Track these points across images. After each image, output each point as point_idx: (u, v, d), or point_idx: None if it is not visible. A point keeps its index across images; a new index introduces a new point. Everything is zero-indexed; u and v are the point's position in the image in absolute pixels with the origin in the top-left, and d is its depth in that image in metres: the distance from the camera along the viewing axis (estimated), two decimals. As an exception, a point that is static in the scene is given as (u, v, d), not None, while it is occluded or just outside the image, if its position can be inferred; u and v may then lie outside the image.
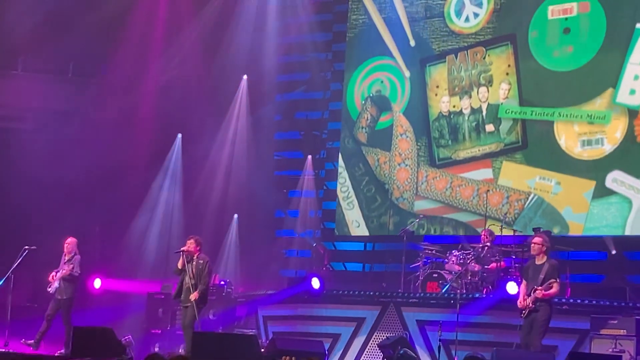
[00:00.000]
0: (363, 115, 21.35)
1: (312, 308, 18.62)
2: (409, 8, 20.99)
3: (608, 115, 18.35)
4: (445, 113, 20.25)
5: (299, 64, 22.90)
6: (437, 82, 20.44)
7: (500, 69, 19.69)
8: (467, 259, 17.44)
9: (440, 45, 20.54)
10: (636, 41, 18.11)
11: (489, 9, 20.06)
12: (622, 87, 18.20)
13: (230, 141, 22.50)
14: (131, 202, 21.45)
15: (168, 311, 18.95)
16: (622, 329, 15.31)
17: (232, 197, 22.06)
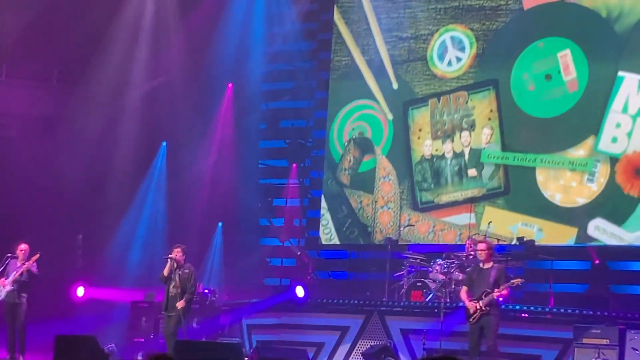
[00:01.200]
0: (346, 157, 21.30)
1: (296, 317, 18.61)
2: (391, 51, 20.93)
3: (590, 162, 18.38)
4: (428, 157, 20.23)
5: (284, 73, 22.92)
6: (420, 125, 20.40)
7: (482, 113, 19.68)
8: (451, 268, 17.46)
9: (422, 89, 20.50)
10: (618, 89, 18.16)
11: (471, 53, 20.04)
12: (604, 135, 18.23)
13: (215, 149, 22.47)
14: (115, 210, 21.40)
15: (151, 320, 18.90)
16: (605, 338, 15.36)
17: (216, 205, 22.02)
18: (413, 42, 20.73)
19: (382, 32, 21.11)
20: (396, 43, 20.93)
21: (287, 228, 22.10)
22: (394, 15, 21.04)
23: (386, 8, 21.15)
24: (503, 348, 15.55)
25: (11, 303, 16.54)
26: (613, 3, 18.49)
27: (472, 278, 14.79)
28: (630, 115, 18.05)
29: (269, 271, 22.22)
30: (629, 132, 18.03)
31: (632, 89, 18.08)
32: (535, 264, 18.52)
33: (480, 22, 19.97)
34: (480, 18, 19.98)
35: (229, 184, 22.11)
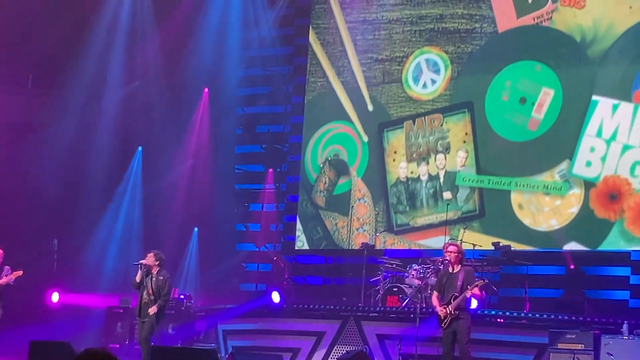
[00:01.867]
0: (321, 179, 21.28)
1: (272, 322, 18.58)
2: (366, 72, 20.97)
3: (564, 186, 18.45)
4: (403, 179, 20.24)
5: (260, 78, 22.91)
6: (395, 147, 20.44)
7: (457, 136, 19.73)
8: (427, 273, 17.47)
9: (398, 111, 20.54)
10: (592, 113, 18.24)
11: (446, 76, 20.10)
12: (578, 159, 18.31)
13: (191, 154, 22.45)
14: (91, 215, 21.32)
15: (127, 325, 18.83)
16: (580, 343, 15.39)
17: (192, 210, 21.99)
18: (388, 64, 20.77)
19: (358, 53, 21.16)
20: (371, 65, 20.97)
21: (264, 233, 22.07)
22: (369, 36, 21.09)
23: (361, 30, 21.20)
24: (479, 353, 15.56)
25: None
26: (587, 27, 18.59)
27: (442, 283, 14.80)
28: (604, 140, 18.12)
29: (245, 276, 22.19)
30: (603, 157, 18.10)
31: (606, 113, 18.15)
32: (511, 269, 18.57)
33: (455, 44, 20.05)
34: (455, 41, 20.05)
35: (205, 189, 22.08)
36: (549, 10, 19.02)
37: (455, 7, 20.16)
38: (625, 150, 17.94)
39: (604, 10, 18.50)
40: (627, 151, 17.93)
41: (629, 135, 17.93)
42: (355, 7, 21.42)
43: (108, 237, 21.59)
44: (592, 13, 18.61)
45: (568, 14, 18.82)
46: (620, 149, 17.98)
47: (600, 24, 18.49)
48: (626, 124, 17.96)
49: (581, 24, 18.67)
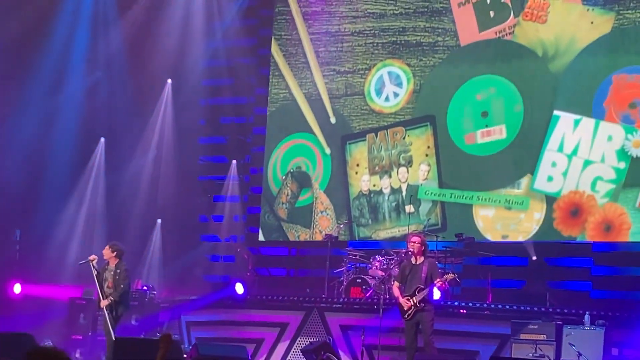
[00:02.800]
0: (283, 191, 21.22)
1: (236, 313, 18.57)
2: (329, 84, 20.92)
3: (526, 201, 18.51)
4: (366, 192, 20.22)
5: (224, 69, 22.81)
6: (358, 160, 20.42)
7: (419, 149, 19.74)
8: (390, 264, 17.51)
9: (360, 124, 20.51)
10: (554, 128, 18.31)
11: (408, 89, 20.08)
12: (539, 174, 18.39)
13: (155, 145, 22.34)
14: (53, 206, 21.18)
15: (89, 317, 18.74)
16: (542, 334, 15.53)
17: (155, 202, 21.92)
18: (351, 76, 20.74)
19: (320, 65, 21.10)
20: (334, 77, 20.93)
21: (227, 225, 22.03)
22: (332, 48, 21.03)
23: (324, 41, 21.14)
24: (441, 344, 15.63)
25: None
26: (549, 42, 18.65)
27: (405, 274, 14.85)
28: (565, 155, 18.21)
29: (209, 268, 22.13)
30: (565, 172, 18.19)
31: (568, 128, 18.23)
32: (473, 260, 18.66)
33: (417, 57, 20.04)
34: (417, 54, 20.04)
35: (168, 180, 22.01)
36: (511, 24, 19.05)
37: (417, 20, 20.13)
38: (587, 166, 18.03)
39: (566, 25, 18.56)
40: (588, 166, 18.02)
41: (590, 150, 18.02)
42: (317, 19, 21.35)
43: (71, 228, 21.45)
44: (554, 28, 18.66)
45: (530, 28, 18.88)
46: (581, 164, 18.07)
47: (562, 39, 18.55)
48: (587, 140, 18.05)
49: (543, 39, 18.72)
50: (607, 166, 17.87)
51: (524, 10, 18.94)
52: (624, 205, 17.71)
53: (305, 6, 21.55)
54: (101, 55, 22.07)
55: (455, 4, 19.72)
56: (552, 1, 18.74)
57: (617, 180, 17.77)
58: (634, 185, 17.67)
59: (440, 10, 19.92)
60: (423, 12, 20.10)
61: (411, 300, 14.53)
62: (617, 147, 17.81)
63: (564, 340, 15.34)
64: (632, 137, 17.73)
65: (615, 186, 17.78)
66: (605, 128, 17.93)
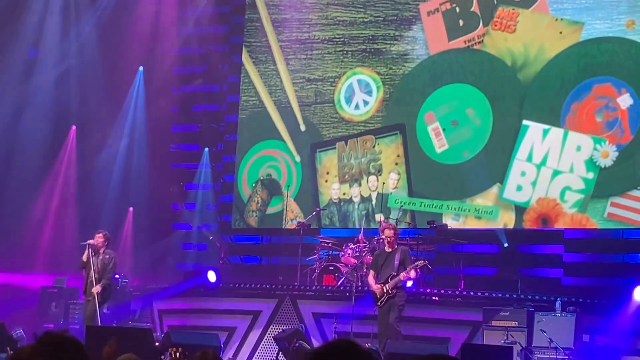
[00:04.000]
0: (253, 199, 21.18)
1: (208, 301, 18.55)
2: (299, 92, 20.89)
3: (495, 210, 18.58)
4: (336, 200, 20.20)
5: (196, 56, 22.74)
6: (328, 168, 20.40)
7: (389, 158, 19.74)
8: (362, 252, 17.53)
9: (330, 132, 20.49)
10: (523, 137, 18.36)
11: (378, 97, 20.08)
12: (509, 183, 18.44)
13: (126, 133, 22.26)
14: (25, 194, 21.08)
15: (61, 305, 18.71)
16: (513, 320, 15.61)
17: (127, 190, 21.84)
18: (320, 84, 20.71)
19: (290, 73, 21.08)
20: (304, 85, 20.90)
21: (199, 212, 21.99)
22: (302, 56, 21.01)
23: (294, 49, 21.11)
24: (413, 331, 15.72)
25: None
26: (518, 51, 18.70)
27: (378, 262, 14.90)
28: (534, 164, 18.28)
29: (181, 256, 22.09)
30: (534, 181, 18.25)
31: (537, 138, 18.30)
32: (446, 247, 18.71)
33: (387, 66, 20.06)
34: (387, 62, 20.07)
35: (140, 168, 21.95)
36: (480, 33, 19.10)
37: (387, 28, 20.13)
38: (556, 175, 18.10)
39: (535, 35, 18.62)
40: (557, 176, 18.09)
41: (559, 160, 18.09)
42: (287, 26, 21.31)
43: (42, 216, 21.36)
44: (522, 37, 18.71)
45: (499, 38, 18.92)
46: (550, 173, 18.15)
47: (531, 48, 18.60)
48: (556, 149, 18.13)
49: (512, 48, 18.78)
50: (575, 176, 17.95)
51: (493, 19, 18.99)
52: (592, 216, 17.79)
53: (275, 13, 21.50)
54: (72, 43, 21.95)
55: (424, 12, 19.75)
56: (521, 11, 18.79)
57: (585, 190, 17.85)
58: (602, 196, 17.75)
59: (409, 19, 19.92)
60: (392, 21, 20.10)
61: (384, 287, 14.58)
62: (586, 157, 17.89)
63: (536, 326, 15.42)
64: (601, 148, 17.80)
65: (584, 196, 17.85)
66: (574, 138, 18.00)
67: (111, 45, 21.84)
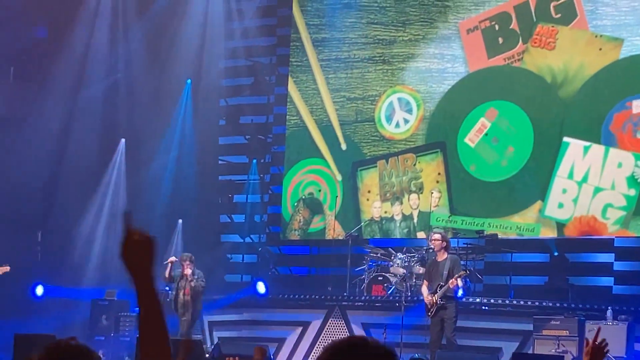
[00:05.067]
0: (295, 218, 21.17)
1: (258, 313, 18.62)
2: (339, 111, 20.82)
3: (537, 227, 18.41)
4: (377, 218, 20.10)
5: (243, 68, 22.83)
6: (369, 186, 20.30)
7: (430, 176, 19.62)
8: (411, 262, 17.50)
9: (371, 150, 20.39)
10: (564, 154, 18.20)
11: (418, 115, 19.94)
12: (550, 200, 18.26)
13: (175, 146, 22.38)
14: (75, 207, 21.26)
15: (111, 317, 18.83)
16: (564, 329, 15.51)
17: (176, 202, 21.94)
18: (361, 102, 20.64)
19: (331, 92, 21.02)
20: (344, 103, 20.83)
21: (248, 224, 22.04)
22: (342, 75, 20.93)
23: (334, 68, 21.04)
24: (464, 341, 15.64)
25: None
26: (558, 68, 18.53)
27: (430, 271, 14.88)
28: (576, 182, 18.09)
29: (230, 267, 22.15)
30: (575, 198, 18.05)
31: (578, 155, 18.12)
32: (495, 256, 18.61)
33: (426, 84, 19.93)
34: (426, 80, 19.93)
35: (189, 180, 22.04)
36: (520, 51, 18.96)
37: (427, 46, 20.01)
38: (597, 193, 17.89)
39: (574, 52, 18.45)
40: (598, 193, 17.88)
41: (600, 177, 17.90)
42: (327, 45, 21.28)
43: (92, 229, 21.51)
44: (562, 54, 18.54)
45: (539, 55, 18.77)
46: (592, 191, 17.93)
47: (571, 66, 18.42)
48: (597, 166, 17.93)
49: (552, 65, 18.61)
50: (617, 193, 17.73)
51: (533, 37, 18.83)
52: (635, 232, 17.60)
53: (315, 33, 21.52)
54: (121, 56, 22.14)
55: (464, 30, 19.64)
56: (560, 28, 18.63)
57: (627, 207, 17.62)
58: (645, 213, 17.58)
59: (449, 37, 19.80)
60: (432, 39, 19.98)
61: (433, 297, 14.55)
62: (628, 174, 17.67)
63: (587, 335, 15.26)
64: (642, 165, 17.66)
65: (625, 213, 17.62)
66: (615, 155, 17.80)
67: (159, 58, 21.99)
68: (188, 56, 22.05)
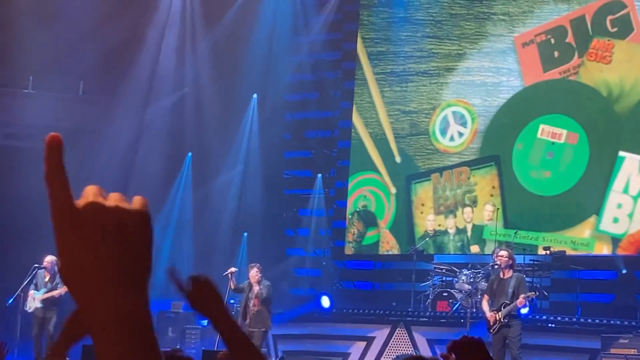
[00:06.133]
0: (350, 230, 21.25)
1: (322, 327, 18.61)
2: (394, 124, 20.89)
3: (592, 242, 18.32)
4: (431, 232, 20.10)
5: (308, 83, 22.92)
6: (423, 200, 20.31)
7: (484, 190, 19.60)
8: (477, 278, 17.41)
9: (425, 163, 20.42)
10: (619, 169, 18.08)
11: (473, 128, 19.96)
12: (605, 215, 18.13)
13: (241, 160, 22.53)
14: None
15: (177, 330, 18.95)
16: (633, 348, 15.31)
17: (242, 216, 22.06)
18: (415, 116, 20.68)
19: (385, 105, 21.09)
20: (399, 116, 20.88)
21: (313, 238, 22.09)
22: (397, 88, 21.01)
23: (389, 81, 21.13)
24: (530, 359, 15.49)
25: (40, 317, 16.70)
26: (614, 82, 18.44)
27: (493, 288, 14.76)
28: (631, 196, 17.97)
29: (294, 281, 22.20)
30: (630, 213, 17.93)
31: (633, 170, 18.00)
32: (562, 273, 18.46)
33: (481, 97, 19.95)
34: (481, 94, 19.95)
35: (255, 194, 22.15)
36: (576, 64, 18.89)
37: (482, 60, 20.02)
38: None
39: (631, 66, 18.36)
40: None
41: None
42: (382, 59, 21.37)
43: (159, 242, 21.70)
44: (618, 68, 18.45)
45: (594, 69, 18.68)
46: None
47: (627, 80, 18.33)
48: None
49: (607, 79, 18.51)
50: None
51: (588, 50, 18.75)
52: None
53: (370, 46, 21.58)
54: (188, 71, 22.34)
55: (519, 44, 19.62)
56: (616, 42, 18.54)
57: None
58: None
59: (504, 50, 19.81)
60: (487, 52, 19.99)
61: (496, 315, 14.43)
62: None
63: (655, 355, 15.10)
64: (695, 180, 17.45)
65: None
66: None
67: (226, 73, 22.15)
68: (254, 71, 22.19)
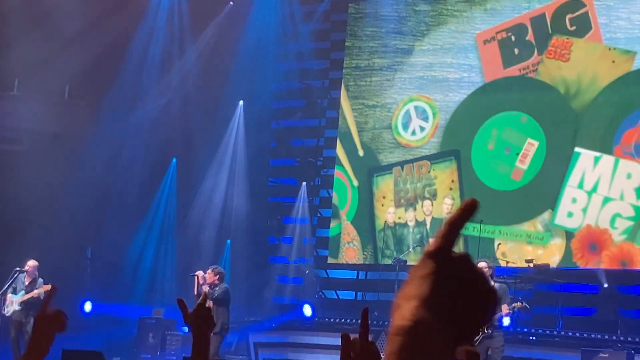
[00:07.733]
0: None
1: (304, 335, 18.59)
2: (357, 118, 21.15)
3: (546, 236, 18.53)
4: (391, 224, 20.33)
5: (295, 91, 22.93)
6: (384, 192, 20.56)
7: (444, 183, 19.85)
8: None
9: (387, 157, 20.68)
10: (574, 164, 18.32)
11: (434, 123, 20.22)
12: (560, 209, 18.37)
13: (226, 166, 22.50)
14: (125, 225, 21.41)
15: (158, 336, 18.90)
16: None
17: (226, 222, 22.04)
18: (379, 110, 20.90)
19: (350, 99, 21.35)
20: (362, 110, 21.13)
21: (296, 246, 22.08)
22: (361, 83, 21.29)
23: (354, 76, 21.43)
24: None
25: (18, 321, 16.60)
26: (571, 80, 18.69)
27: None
28: (585, 191, 18.18)
29: (277, 289, 22.16)
30: (584, 208, 18.15)
31: (588, 166, 18.22)
32: (544, 286, 18.49)
33: (443, 93, 20.17)
34: (443, 89, 20.18)
35: (239, 201, 22.13)
36: (535, 62, 19.16)
37: (444, 56, 20.26)
38: (606, 203, 17.97)
39: (588, 64, 18.61)
40: (607, 203, 17.96)
41: (609, 187, 17.98)
42: (348, 54, 21.69)
43: (142, 248, 21.67)
44: (576, 66, 18.71)
45: (553, 66, 18.93)
46: (601, 201, 18.02)
47: (584, 77, 18.58)
48: (607, 177, 18.03)
49: (565, 77, 18.77)
50: (626, 203, 17.81)
51: (548, 48, 19.03)
52: None
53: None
54: (175, 76, 22.32)
55: (481, 41, 19.88)
56: (575, 40, 18.81)
57: (635, 217, 17.67)
58: (652, 224, 17.50)
59: (466, 47, 20.07)
60: (449, 49, 20.24)
61: (480, 326, 14.42)
62: (636, 185, 17.75)
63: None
64: (651, 175, 17.65)
65: (633, 223, 17.68)
66: (625, 166, 17.92)
67: (212, 79, 22.14)
68: (241, 77, 22.18)
